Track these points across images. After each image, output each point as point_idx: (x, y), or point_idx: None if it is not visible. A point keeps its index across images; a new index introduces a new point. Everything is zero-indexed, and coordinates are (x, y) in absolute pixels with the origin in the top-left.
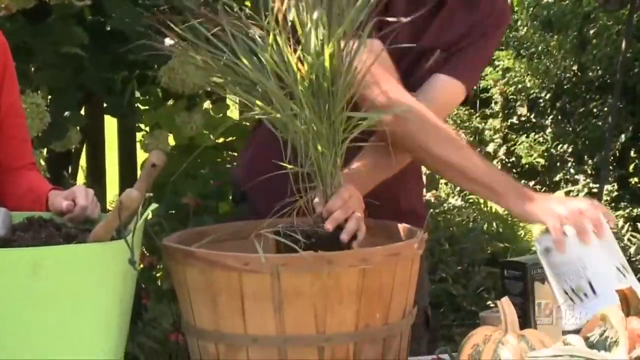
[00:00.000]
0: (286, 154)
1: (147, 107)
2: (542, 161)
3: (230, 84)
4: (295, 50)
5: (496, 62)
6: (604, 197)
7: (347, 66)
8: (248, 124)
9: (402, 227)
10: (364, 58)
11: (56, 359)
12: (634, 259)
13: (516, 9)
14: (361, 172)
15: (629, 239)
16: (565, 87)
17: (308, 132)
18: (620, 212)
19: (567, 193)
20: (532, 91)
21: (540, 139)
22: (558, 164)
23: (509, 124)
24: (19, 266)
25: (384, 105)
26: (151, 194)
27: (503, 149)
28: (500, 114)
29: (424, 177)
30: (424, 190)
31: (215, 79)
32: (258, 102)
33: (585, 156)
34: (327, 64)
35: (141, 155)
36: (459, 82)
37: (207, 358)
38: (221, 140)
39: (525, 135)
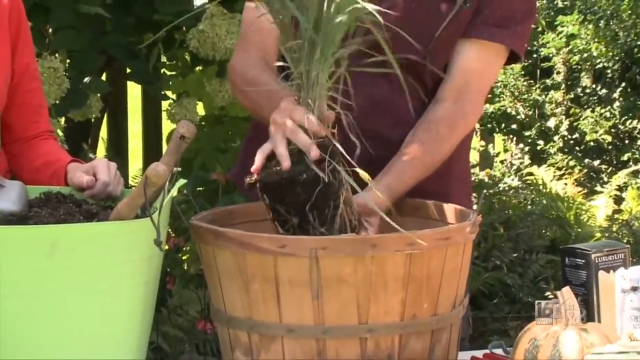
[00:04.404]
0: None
1: (174, 73)
2: (608, 138)
3: None
4: None
5: (559, 28)
6: None
7: None
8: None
9: (453, 208)
10: None
11: (72, 348)
12: None
13: None
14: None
15: None
16: (636, 56)
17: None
18: None
19: (635, 173)
20: (599, 60)
21: (607, 114)
22: (627, 141)
23: (572, 96)
24: (34, 245)
25: None
26: (179, 169)
27: (565, 124)
28: (563, 86)
29: (477, 156)
30: (478, 169)
31: None
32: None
33: None
34: None
35: (167, 126)
36: (493, 43)
37: (238, 348)
38: None
39: (591, 109)
